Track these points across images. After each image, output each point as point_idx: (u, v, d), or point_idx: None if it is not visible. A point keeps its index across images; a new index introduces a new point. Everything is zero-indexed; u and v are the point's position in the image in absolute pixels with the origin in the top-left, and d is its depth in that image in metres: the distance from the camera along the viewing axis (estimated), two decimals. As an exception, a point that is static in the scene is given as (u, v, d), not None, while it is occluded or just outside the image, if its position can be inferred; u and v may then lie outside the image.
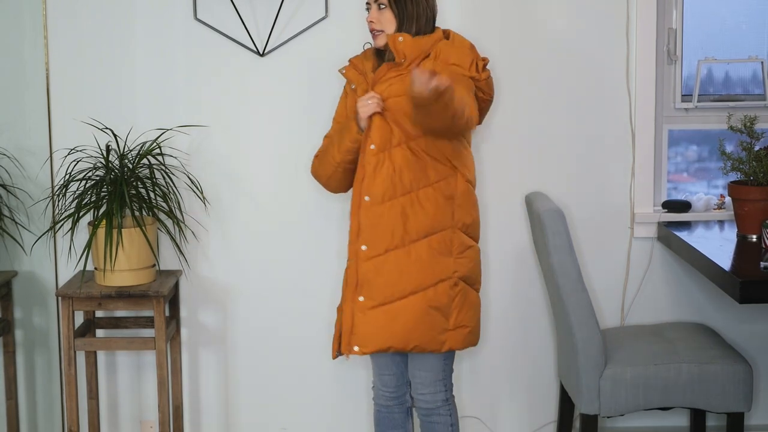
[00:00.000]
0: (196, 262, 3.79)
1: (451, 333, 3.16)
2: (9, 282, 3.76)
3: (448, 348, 3.16)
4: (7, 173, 3.72)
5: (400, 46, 3.11)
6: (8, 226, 3.69)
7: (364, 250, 3.13)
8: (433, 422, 3.26)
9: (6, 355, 3.76)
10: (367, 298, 3.13)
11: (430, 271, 3.13)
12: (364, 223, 3.14)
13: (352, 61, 3.31)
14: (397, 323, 3.11)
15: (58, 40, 3.68)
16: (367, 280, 3.13)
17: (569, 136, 3.78)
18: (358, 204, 3.16)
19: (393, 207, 3.12)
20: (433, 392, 3.23)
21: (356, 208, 3.16)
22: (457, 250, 3.16)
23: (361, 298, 3.13)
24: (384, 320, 3.11)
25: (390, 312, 3.11)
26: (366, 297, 3.13)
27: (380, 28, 3.16)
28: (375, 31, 3.17)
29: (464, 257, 3.17)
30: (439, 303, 3.13)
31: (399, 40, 3.11)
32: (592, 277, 3.81)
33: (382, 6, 3.15)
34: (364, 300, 3.13)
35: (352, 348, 3.14)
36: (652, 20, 3.72)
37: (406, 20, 3.14)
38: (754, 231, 3.48)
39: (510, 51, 3.72)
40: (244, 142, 3.75)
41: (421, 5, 3.15)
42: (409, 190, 3.12)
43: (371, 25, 3.17)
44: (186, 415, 3.86)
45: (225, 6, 3.65)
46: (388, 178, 3.11)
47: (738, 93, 3.91)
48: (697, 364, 3.31)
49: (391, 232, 3.11)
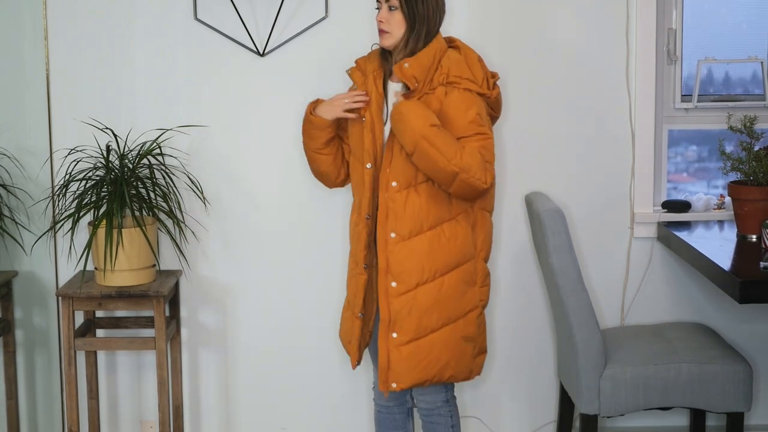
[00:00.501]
0: (196, 262, 3.79)
1: (477, 360, 3.22)
2: (9, 282, 3.76)
3: (475, 376, 3.22)
4: (7, 173, 3.72)
5: (408, 72, 3.07)
6: (8, 226, 3.69)
7: (395, 286, 3.12)
8: (434, 423, 3.26)
9: (6, 355, 3.77)
10: (401, 334, 3.12)
11: (460, 301, 3.15)
12: (392, 260, 3.12)
13: (358, 62, 3.28)
14: (432, 356, 3.12)
15: (58, 40, 3.68)
16: (400, 317, 3.12)
17: (569, 136, 3.78)
18: (384, 241, 3.12)
19: (420, 242, 3.10)
20: (434, 393, 3.24)
21: (383, 245, 3.12)
22: (481, 279, 3.20)
23: (395, 334, 3.12)
24: (419, 355, 3.12)
25: (423, 346, 3.12)
26: (399, 333, 3.12)
27: (388, 29, 3.11)
28: (383, 31, 3.13)
29: (486, 285, 3.22)
30: (468, 333, 3.16)
31: (405, 67, 3.07)
32: (592, 277, 3.81)
33: (393, 8, 3.10)
34: (398, 336, 3.12)
35: (390, 385, 3.14)
36: (652, 20, 3.72)
37: (417, 23, 3.09)
38: (754, 231, 3.48)
39: (510, 51, 3.72)
40: (244, 142, 3.75)
41: (431, 7, 3.10)
42: (435, 225, 3.11)
43: (380, 25, 3.12)
44: (186, 415, 3.86)
45: (225, 6, 3.65)
46: (414, 215, 3.10)
47: (738, 93, 3.91)
48: (697, 364, 3.31)
49: (421, 268, 3.11)
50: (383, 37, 3.14)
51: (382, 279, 3.14)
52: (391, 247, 3.11)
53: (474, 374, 3.22)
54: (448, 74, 3.08)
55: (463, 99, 3.07)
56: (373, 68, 3.21)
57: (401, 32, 3.11)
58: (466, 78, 3.09)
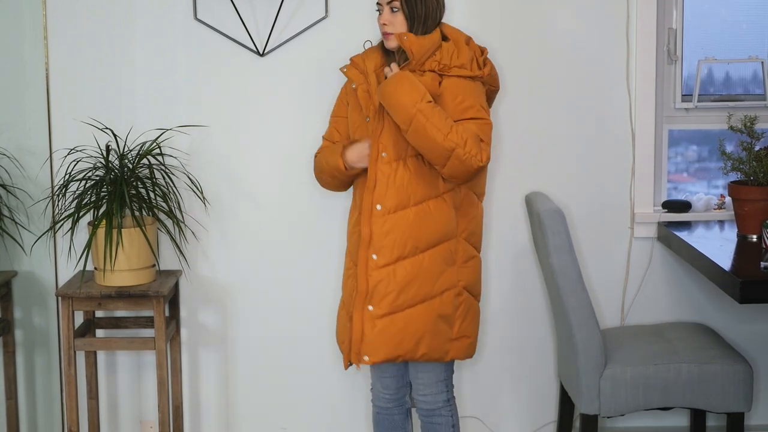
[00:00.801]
0: (196, 262, 3.79)
1: (455, 343, 3.19)
2: (9, 282, 3.76)
3: (451, 357, 3.19)
4: (7, 173, 3.72)
5: (407, 43, 3.11)
6: (8, 226, 3.69)
7: (375, 259, 3.13)
8: (435, 423, 3.26)
9: (6, 355, 3.76)
10: (376, 307, 3.13)
11: (438, 280, 3.14)
12: (375, 233, 3.13)
13: (353, 60, 3.31)
14: (407, 332, 3.12)
15: (58, 40, 3.68)
16: (378, 290, 3.13)
17: (569, 136, 3.78)
18: (369, 212, 3.14)
19: (405, 216, 3.12)
20: (435, 393, 3.24)
21: (367, 217, 3.14)
22: (462, 259, 3.19)
23: (371, 307, 3.13)
24: (393, 330, 3.12)
25: (398, 321, 3.12)
26: (375, 306, 3.13)
27: (392, 31, 3.16)
28: (387, 33, 3.17)
29: (468, 267, 3.21)
30: (445, 312, 3.15)
31: (404, 39, 3.12)
32: (592, 277, 3.81)
33: (395, 9, 3.15)
34: (374, 309, 3.13)
35: (362, 357, 3.14)
36: (652, 20, 3.72)
37: (416, 22, 3.15)
38: (754, 231, 3.48)
39: (510, 51, 3.72)
40: (244, 142, 3.75)
41: (431, 6, 3.16)
42: (421, 200, 3.13)
43: (384, 28, 3.17)
44: (186, 415, 3.86)
45: (225, 6, 3.65)
46: (402, 188, 3.12)
47: (738, 93, 3.91)
48: (697, 364, 3.31)
49: (403, 242, 3.12)
50: (388, 39, 3.18)
51: (363, 251, 3.14)
52: (375, 219, 3.13)
53: (451, 356, 3.19)
54: (440, 62, 3.13)
55: (457, 85, 3.11)
56: (375, 65, 3.23)
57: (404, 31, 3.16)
58: (456, 65, 3.13)
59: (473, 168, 3.04)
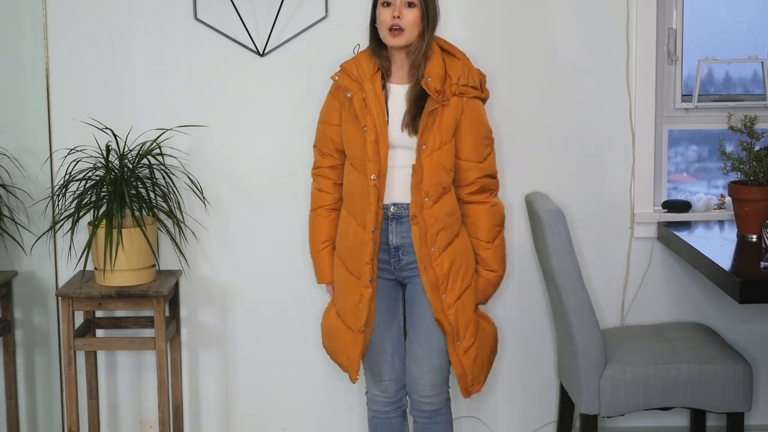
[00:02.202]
0: (196, 262, 3.79)
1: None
2: (9, 282, 3.76)
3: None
4: (7, 173, 3.72)
5: (432, 85, 3.06)
6: (8, 226, 3.69)
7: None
8: (437, 423, 3.25)
9: (6, 355, 3.77)
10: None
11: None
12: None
13: (344, 67, 3.20)
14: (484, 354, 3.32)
15: (58, 40, 3.68)
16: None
17: (569, 136, 3.78)
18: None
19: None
20: (439, 394, 3.24)
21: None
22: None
23: (458, 342, 3.20)
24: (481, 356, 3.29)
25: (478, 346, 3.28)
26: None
27: (404, 26, 3.03)
28: (396, 27, 3.04)
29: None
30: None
31: (429, 81, 3.06)
32: (592, 277, 3.81)
33: (411, 4, 3.04)
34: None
35: (475, 386, 3.31)
36: (652, 20, 3.72)
37: (429, 24, 3.09)
38: (754, 231, 3.48)
39: (510, 51, 3.72)
40: (244, 142, 3.75)
41: (438, 10, 3.15)
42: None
43: (395, 21, 3.02)
44: (186, 415, 3.86)
45: (225, 6, 3.65)
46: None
47: (738, 93, 3.91)
48: (697, 364, 3.31)
49: (464, 270, 3.23)
50: (396, 37, 3.05)
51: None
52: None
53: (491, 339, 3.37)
54: (458, 84, 3.11)
55: (478, 113, 3.17)
56: (371, 72, 3.14)
57: (416, 31, 3.06)
58: (472, 86, 3.14)
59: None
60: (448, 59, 3.14)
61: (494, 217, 3.25)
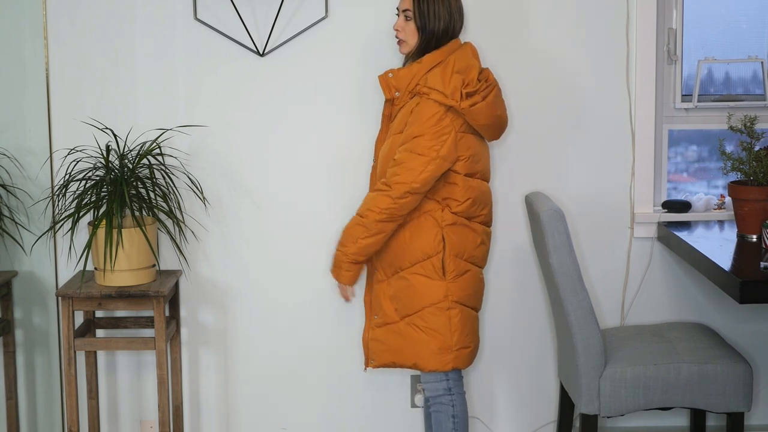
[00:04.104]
0: (196, 262, 3.79)
1: (456, 353, 3.29)
2: (9, 282, 3.76)
3: (453, 367, 3.31)
4: (7, 173, 3.72)
5: (393, 81, 3.26)
6: (8, 226, 3.69)
7: (376, 273, 3.38)
8: (436, 411, 3.35)
9: (6, 355, 3.77)
10: (379, 317, 3.37)
11: (423, 294, 3.26)
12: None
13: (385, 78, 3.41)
14: (397, 343, 3.32)
15: (58, 40, 3.68)
16: (378, 302, 3.37)
17: (569, 136, 3.78)
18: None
19: (396, 234, 3.29)
20: (435, 381, 3.33)
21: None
22: (451, 275, 3.26)
23: (376, 316, 3.38)
24: (388, 339, 3.35)
25: (392, 331, 3.34)
26: (379, 316, 3.37)
27: (404, 38, 3.27)
28: (400, 39, 3.28)
29: (459, 281, 3.29)
30: (433, 325, 3.27)
31: (389, 77, 3.27)
32: (592, 277, 3.81)
33: (408, 17, 3.24)
34: (377, 318, 3.37)
35: (369, 361, 3.42)
36: (652, 20, 3.72)
37: (428, 35, 3.23)
38: (754, 231, 3.48)
39: (509, 50, 3.72)
40: (244, 142, 3.75)
41: (443, 20, 3.22)
42: (408, 220, 3.26)
43: (396, 33, 3.28)
44: (186, 415, 3.86)
45: (225, 6, 3.65)
46: None
47: (738, 93, 3.91)
48: (697, 364, 3.31)
49: (390, 261, 3.30)
50: (400, 46, 3.30)
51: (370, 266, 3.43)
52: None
53: (452, 366, 3.30)
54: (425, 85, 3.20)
55: (419, 106, 3.19)
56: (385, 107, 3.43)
57: (414, 41, 3.26)
58: (436, 89, 3.18)
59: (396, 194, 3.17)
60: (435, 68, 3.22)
61: (368, 201, 3.23)
